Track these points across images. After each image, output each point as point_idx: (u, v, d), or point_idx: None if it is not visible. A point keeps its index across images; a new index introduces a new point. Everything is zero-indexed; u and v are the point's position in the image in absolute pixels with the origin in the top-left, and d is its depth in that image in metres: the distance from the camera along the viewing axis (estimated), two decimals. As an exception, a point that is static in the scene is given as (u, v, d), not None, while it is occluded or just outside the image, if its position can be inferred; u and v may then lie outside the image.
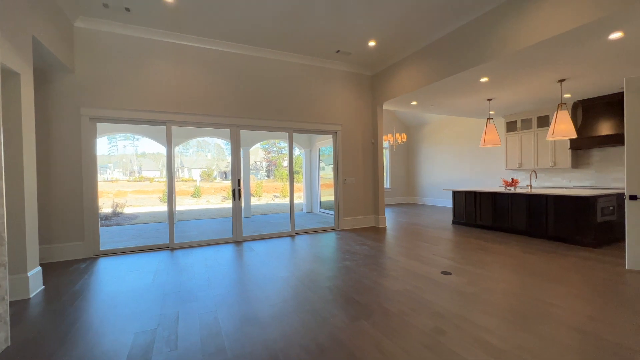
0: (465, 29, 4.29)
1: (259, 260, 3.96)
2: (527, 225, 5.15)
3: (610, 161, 6.37)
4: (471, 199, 6.19)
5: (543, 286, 2.88)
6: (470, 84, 5.07)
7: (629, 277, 3.08)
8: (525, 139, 7.54)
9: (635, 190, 3.25)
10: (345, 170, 6.17)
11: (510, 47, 3.74)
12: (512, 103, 6.56)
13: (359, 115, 6.32)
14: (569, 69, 4.39)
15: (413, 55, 5.27)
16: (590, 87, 5.44)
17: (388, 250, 4.33)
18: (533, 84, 5.12)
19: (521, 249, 4.27)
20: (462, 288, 2.86)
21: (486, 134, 6.16)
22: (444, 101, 6.21)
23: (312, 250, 4.46)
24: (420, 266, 3.56)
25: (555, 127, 5.00)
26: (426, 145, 10.82)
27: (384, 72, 6.03)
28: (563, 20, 3.23)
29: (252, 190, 14.29)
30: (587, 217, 4.39)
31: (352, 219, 6.23)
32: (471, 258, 3.87)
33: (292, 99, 5.63)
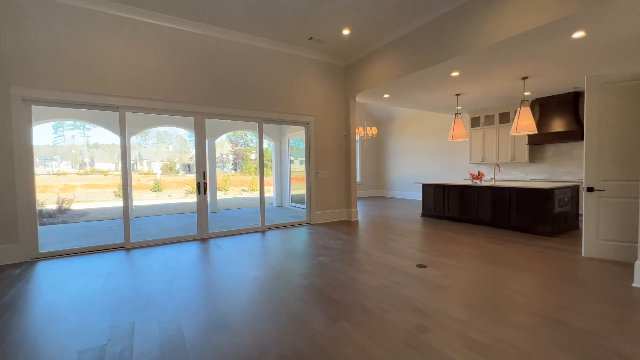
0: (440, 22, 4.27)
1: (228, 259, 3.69)
2: (492, 217, 5.38)
3: (562, 156, 6.86)
4: (440, 192, 6.34)
5: (512, 276, 2.95)
6: (442, 78, 5.11)
7: (586, 264, 3.27)
8: (488, 134, 7.90)
9: (592, 183, 3.46)
10: (317, 163, 6.01)
11: (483, 42, 3.77)
12: (478, 99, 6.79)
13: (331, 107, 6.17)
14: (533, 66, 4.57)
15: (387, 46, 5.20)
16: (548, 85, 5.75)
17: (362, 244, 4.26)
18: (499, 80, 5.29)
19: (488, 240, 4.42)
20: (439, 281, 2.84)
21: (454, 128, 6.32)
22: (415, 95, 6.25)
23: (285, 246, 4.26)
24: (395, 260, 3.52)
25: (518, 122, 5.23)
26: (395, 139, 10.99)
27: (357, 63, 5.91)
28: (533, 17, 3.29)
29: (219, 184, 13.67)
30: (545, 208, 4.66)
31: (324, 213, 6.11)
32: (443, 250, 3.92)
33: (263, 87, 5.32)
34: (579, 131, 6.16)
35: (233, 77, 5.01)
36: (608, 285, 2.69)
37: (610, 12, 2.98)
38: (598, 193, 3.44)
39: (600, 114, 3.39)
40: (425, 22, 4.47)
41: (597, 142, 3.43)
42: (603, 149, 3.39)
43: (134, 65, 4.23)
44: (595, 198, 3.45)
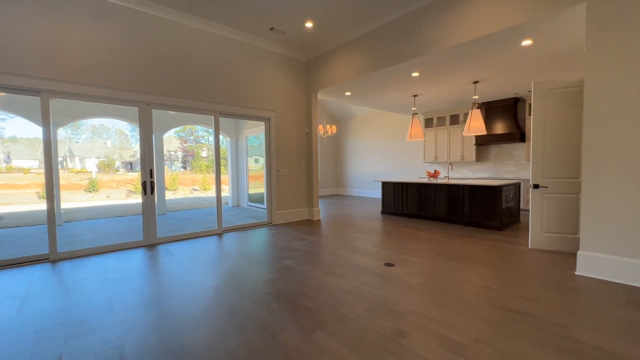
0: (403, 21, 4.31)
1: (181, 267, 3.29)
2: (447, 213, 5.65)
3: (504, 156, 7.50)
4: (399, 190, 6.51)
5: (474, 270, 3.06)
6: (403, 78, 5.20)
7: (533, 255, 3.54)
8: (440, 134, 8.34)
9: (538, 180, 3.75)
10: (278, 161, 5.75)
11: (443, 44, 3.87)
12: (432, 101, 7.11)
13: (293, 103, 5.95)
14: (484, 71, 4.86)
15: (351, 43, 5.13)
16: (493, 90, 6.21)
17: (328, 244, 4.13)
18: (453, 82, 5.55)
19: (446, 235, 4.61)
20: (408, 279, 2.82)
21: (412, 128, 6.52)
22: (376, 94, 6.31)
23: (246, 250, 3.96)
24: (362, 259, 3.46)
25: (470, 124, 5.55)
26: (354, 138, 11.13)
27: (320, 58, 5.77)
28: (488, 24, 3.45)
29: (167, 183, 12.59)
30: (494, 203, 5.00)
31: (286, 213, 5.87)
32: (407, 247, 3.96)
33: (221, 77, 4.90)
34: (518, 134, 6.77)
35: (187, 64, 4.53)
36: (556, 274, 2.91)
37: (555, 23, 3.23)
38: (542, 189, 3.74)
39: (545, 117, 3.69)
40: (389, 21, 4.48)
41: (542, 143, 3.72)
42: (547, 149, 3.70)
43: (65, 43, 3.56)
44: (540, 194, 3.76)
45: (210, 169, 15.02)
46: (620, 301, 2.34)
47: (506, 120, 7.04)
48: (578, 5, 2.88)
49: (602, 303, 2.31)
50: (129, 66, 4.02)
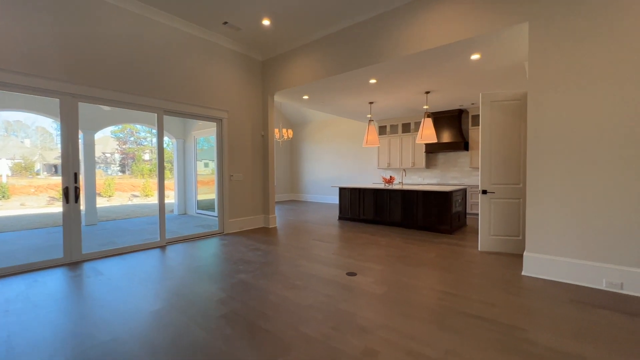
0: (363, 26, 4.31)
1: (112, 290, 2.77)
2: (402, 217, 5.78)
3: (450, 163, 8.01)
4: (356, 195, 6.52)
5: (433, 275, 3.08)
6: (361, 84, 5.23)
7: (484, 258, 3.71)
8: (393, 142, 8.65)
9: (486, 186, 3.98)
10: (232, 165, 5.36)
11: (401, 52, 3.94)
12: (387, 109, 7.32)
13: (248, 104, 5.62)
14: (435, 82, 5.10)
15: (310, 45, 5.01)
16: (442, 101, 6.60)
17: (286, 254, 3.89)
18: (407, 91, 5.75)
19: (403, 240, 4.67)
20: (372, 289, 2.72)
21: (368, 134, 6.61)
22: (334, 99, 6.27)
23: (194, 264, 3.53)
24: (323, 269, 3.29)
25: (423, 132, 5.79)
26: (310, 143, 11.04)
27: (277, 59, 5.55)
28: (441, 36, 3.59)
29: (100, 189, 11.14)
30: (446, 208, 5.24)
31: (239, 221, 5.48)
32: (367, 253, 3.90)
33: (167, 72, 4.40)
34: (463, 142, 7.28)
35: (128, 54, 3.96)
36: (506, 276, 3.06)
37: (501, 40, 3.46)
38: (490, 195, 3.98)
39: (491, 127, 3.94)
40: (349, 25, 4.46)
41: (489, 151, 3.97)
42: (493, 157, 3.95)
43: (-51, 13, 2.83)
44: (488, 199, 3.99)
45: (153, 173, 13.69)
46: (564, 300, 2.50)
47: (452, 130, 7.53)
48: (521, 25, 3.11)
49: (550, 303, 2.44)
50: (50, 49, 3.37)
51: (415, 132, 8.22)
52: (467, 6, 3.41)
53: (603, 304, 2.43)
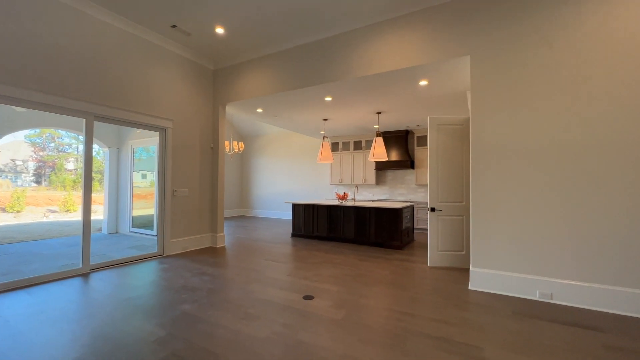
0: (322, 44, 4.35)
1: (11, 336, 2.20)
2: (355, 234, 5.82)
3: (397, 180, 8.43)
4: (309, 212, 6.42)
5: (389, 294, 3.08)
6: (316, 101, 5.24)
7: (434, 273, 3.86)
8: (345, 158, 8.84)
9: (434, 204, 4.20)
10: (176, 179, 4.88)
11: (357, 72, 4.05)
12: (340, 126, 7.48)
13: (196, 114, 5.24)
14: (387, 103, 5.35)
15: (267, 57, 4.89)
16: (391, 122, 6.96)
17: (236, 277, 3.58)
18: (360, 111, 5.94)
19: (357, 257, 4.67)
20: (331, 314, 2.60)
21: (322, 151, 6.64)
22: (289, 114, 6.20)
23: (126, 296, 3.03)
24: (278, 293, 3.07)
25: (374, 150, 5.99)
26: (261, 157, 10.74)
27: (231, 69, 5.32)
28: (394, 61, 3.78)
29: (4, 203, 9.33)
30: (397, 224, 5.42)
31: (183, 240, 4.96)
32: (322, 273, 3.78)
33: (101, 72, 3.88)
34: (409, 161, 7.73)
35: (50, 48, 3.39)
36: (456, 291, 3.19)
37: (446, 69, 3.76)
38: (438, 212, 4.20)
39: (438, 148, 4.21)
40: (308, 42, 4.47)
41: (436, 171, 4.22)
42: (440, 176, 4.20)
43: None
44: (436, 216, 4.20)
45: (77, 184, 11.91)
46: (508, 313, 2.67)
47: (399, 149, 7.97)
48: (464, 57, 3.42)
49: (496, 318, 2.58)
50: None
51: (366, 149, 8.52)
52: (417, 37, 3.65)
53: (539, 314, 2.64)
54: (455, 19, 3.44)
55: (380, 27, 3.89)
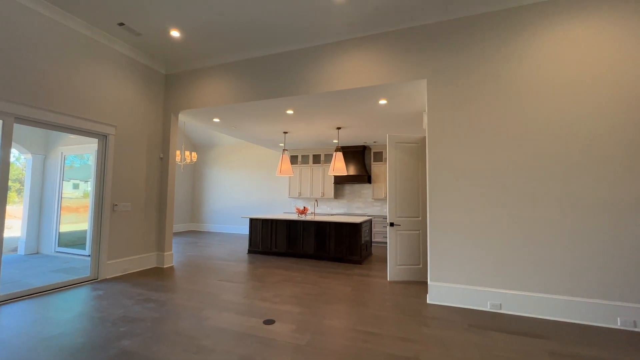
0: (287, 57, 4.29)
1: None
2: (315, 249, 5.73)
3: (355, 194, 8.59)
4: (267, 227, 6.19)
5: (353, 313, 3.02)
6: (278, 114, 5.14)
7: (394, 288, 3.91)
8: (304, 172, 8.79)
9: (393, 219, 4.31)
10: (117, 192, 4.34)
11: (320, 88, 4.06)
12: (300, 139, 7.44)
13: (145, 120, 4.78)
14: (348, 119, 5.46)
15: (227, 65, 4.69)
16: (350, 137, 7.12)
17: (187, 303, 3.23)
18: (321, 125, 5.97)
19: (317, 274, 4.56)
20: (294, 340, 2.44)
21: (282, 164, 6.50)
22: (248, 125, 5.99)
23: (45, 334, 2.52)
24: (236, 319, 2.83)
25: (334, 165, 6.03)
26: (216, 168, 10.21)
27: (186, 74, 4.99)
28: (357, 79, 3.87)
29: None
30: (356, 239, 5.45)
31: (123, 262, 4.39)
32: (283, 293, 3.60)
33: (27, 67, 3.33)
34: (366, 176, 7.94)
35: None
36: (415, 305, 3.25)
37: (405, 90, 3.95)
38: (396, 227, 4.31)
39: (396, 165, 4.36)
40: (272, 54, 4.38)
41: (394, 187, 4.35)
42: (398, 192, 4.34)
43: None
44: (395, 231, 4.31)
45: (-13, 196, 10.09)
46: (465, 326, 2.77)
47: (357, 164, 8.17)
48: (422, 80, 3.62)
49: (455, 331, 2.65)
50: None
51: (325, 163, 8.57)
52: (379, 58, 3.79)
53: (491, 325, 2.78)
54: (414, 44, 3.64)
55: (345, 45, 3.97)
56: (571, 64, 3.05)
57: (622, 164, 2.86)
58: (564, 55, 3.08)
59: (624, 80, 2.89)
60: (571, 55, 3.06)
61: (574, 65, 3.04)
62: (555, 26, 3.11)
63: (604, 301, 2.84)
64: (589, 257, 2.91)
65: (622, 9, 2.93)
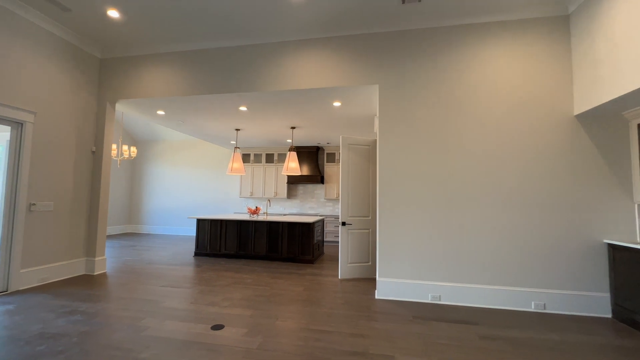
0: (242, 51, 4.14)
1: None
2: (267, 250, 5.62)
3: (308, 194, 8.64)
4: (217, 227, 5.90)
5: (305, 312, 3.03)
6: (230, 110, 4.94)
7: (345, 286, 4.01)
8: (257, 171, 8.58)
9: (345, 218, 4.42)
10: (36, 189, 3.76)
11: (275, 86, 4.00)
12: (252, 137, 7.24)
13: (73, 109, 4.22)
14: (302, 119, 5.46)
15: (175, 55, 4.36)
16: (304, 137, 7.14)
17: (123, 313, 2.92)
18: (275, 124, 5.89)
19: (269, 275, 4.48)
20: (245, 344, 2.36)
21: (233, 162, 6.26)
22: (197, 120, 5.64)
23: None
24: (180, 327, 2.64)
25: (288, 164, 5.99)
26: (159, 165, 9.44)
27: (126, 61, 4.52)
28: (312, 80, 3.90)
29: None
30: (309, 239, 5.48)
31: (42, 270, 3.81)
32: (233, 297, 3.47)
33: None
34: (319, 176, 8.04)
35: None
36: (365, 302, 3.38)
37: (358, 94, 4.09)
38: (348, 226, 4.43)
39: (349, 166, 4.49)
40: (227, 46, 4.19)
41: (347, 187, 4.47)
42: (350, 192, 4.47)
43: None
44: (346, 230, 4.43)
45: None
46: (409, 318, 2.96)
47: (311, 164, 8.23)
48: (374, 85, 3.78)
49: (401, 324, 2.82)
50: None
51: (278, 162, 8.48)
52: (335, 60, 3.86)
53: (432, 316, 3.02)
54: (368, 51, 3.79)
55: (302, 45, 3.97)
56: (491, 77, 3.45)
57: (540, 164, 3.32)
58: (487, 70, 3.47)
59: (532, 91, 3.36)
60: (492, 70, 3.46)
61: (493, 78, 3.45)
62: (485, 45, 3.50)
63: (522, 289, 3.27)
64: (510, 252, 3.32)
65: (529, 38, 3.40)
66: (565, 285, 3.19)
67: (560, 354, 2.31)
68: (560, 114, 3.30)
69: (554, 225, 3.25)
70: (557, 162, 3.28)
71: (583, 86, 3.13)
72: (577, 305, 3.15)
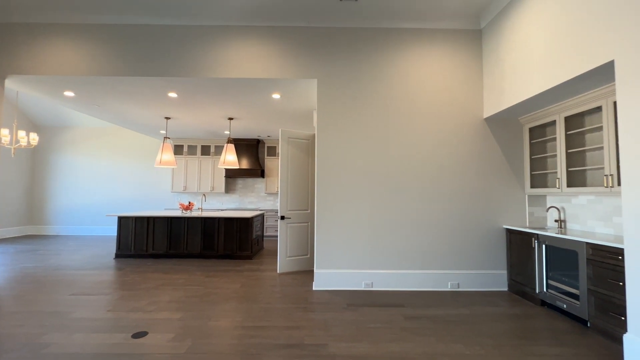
0: (174, 31, 3.74)
1: None
2: (202, 248, 5.30)
3: (248, 189, 8.38)
4: (143, 226, 5.35)
5: (241, 310, 2.95)
6: (157, 95, 4.47)
7: (283, 279, 4.01)
8: (191, 164, 8.00)
9: (284, 212, 4.40)
10: None
11: (210, 72, 3.74)
12: (186, 128, 6.71)
13: (-60, 81, 3.35)
14: (240, 110, 5.23)
15: (88, 27, 3.75)
16: (243, 130, 6.87)
17: (16, 330, 2.45)
18: (210, 114, 5.53)
19: (204, 274, 4.24)
20: (172, 349, 2.19)
21: (163, 153, 5.73)
22: (116, 105, 4.98)
23: None
24: (94, 339, 2.33)
25: (225, 157, 5.71)
26: (70, 155, 8.14)
27: (22, 28, 3.75)
28: (248, 69, 3.74)
29: None
30: (247, 234, 5.32)
31: None
32: (160, 300, 3.19)
33: None
34: (260, 170, 7.85)
35: None
36: (302, 294, 3.42)
37: (297, 87, 4.07)
38: (287, 220, 4.42)
39: (288, 160, 4.46)
40: (155, 24, 3.75)
41: (286, 181, 4.44)
42: (290, 186, 4.46)
43: None
44: (285, 224, 4.41)
45: None
46: (344, 306, 3.09)
47: (250, 157, 7.98)
48: (313, 79, 3.80)
49: (336, 313, 2.93)
50: None
51: (215, 155, 8.02)
52: (276, 50, 3.76)
53: (364, 302, 3.20)
54: (308, 44, 3.77)
55: (239, 32, 3.77)
56: (421, 79, 3.78)
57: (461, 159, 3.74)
58: (419, 72, 3.78)
59: (453, 95, 3.77)
60: (423, 73, 3.78)
61: (423, 80, 3.77)
62: (418, 49, 3.78)
63: (440, 271, 3.67)
64: (429, 239, 3.69)
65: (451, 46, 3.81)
66: (474, 265, 3.68)
67: (470, 325, 2.66)
68: (473, 116, 3.76)
69: (464, 214, 3.70)
70: (467, 158, 3.73)
71: (491, 93, 3.61)
72: (484, 282, 3.66)
